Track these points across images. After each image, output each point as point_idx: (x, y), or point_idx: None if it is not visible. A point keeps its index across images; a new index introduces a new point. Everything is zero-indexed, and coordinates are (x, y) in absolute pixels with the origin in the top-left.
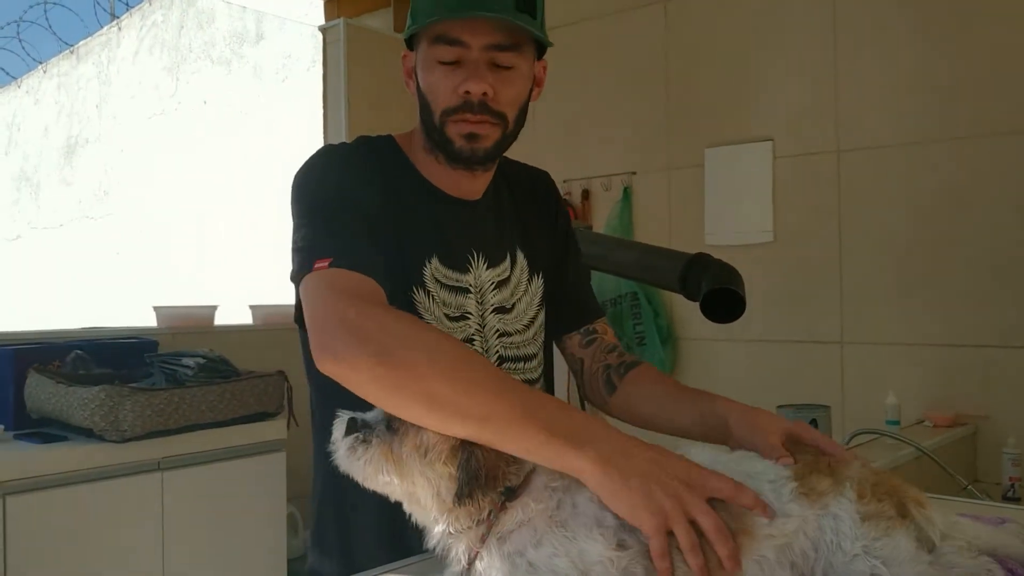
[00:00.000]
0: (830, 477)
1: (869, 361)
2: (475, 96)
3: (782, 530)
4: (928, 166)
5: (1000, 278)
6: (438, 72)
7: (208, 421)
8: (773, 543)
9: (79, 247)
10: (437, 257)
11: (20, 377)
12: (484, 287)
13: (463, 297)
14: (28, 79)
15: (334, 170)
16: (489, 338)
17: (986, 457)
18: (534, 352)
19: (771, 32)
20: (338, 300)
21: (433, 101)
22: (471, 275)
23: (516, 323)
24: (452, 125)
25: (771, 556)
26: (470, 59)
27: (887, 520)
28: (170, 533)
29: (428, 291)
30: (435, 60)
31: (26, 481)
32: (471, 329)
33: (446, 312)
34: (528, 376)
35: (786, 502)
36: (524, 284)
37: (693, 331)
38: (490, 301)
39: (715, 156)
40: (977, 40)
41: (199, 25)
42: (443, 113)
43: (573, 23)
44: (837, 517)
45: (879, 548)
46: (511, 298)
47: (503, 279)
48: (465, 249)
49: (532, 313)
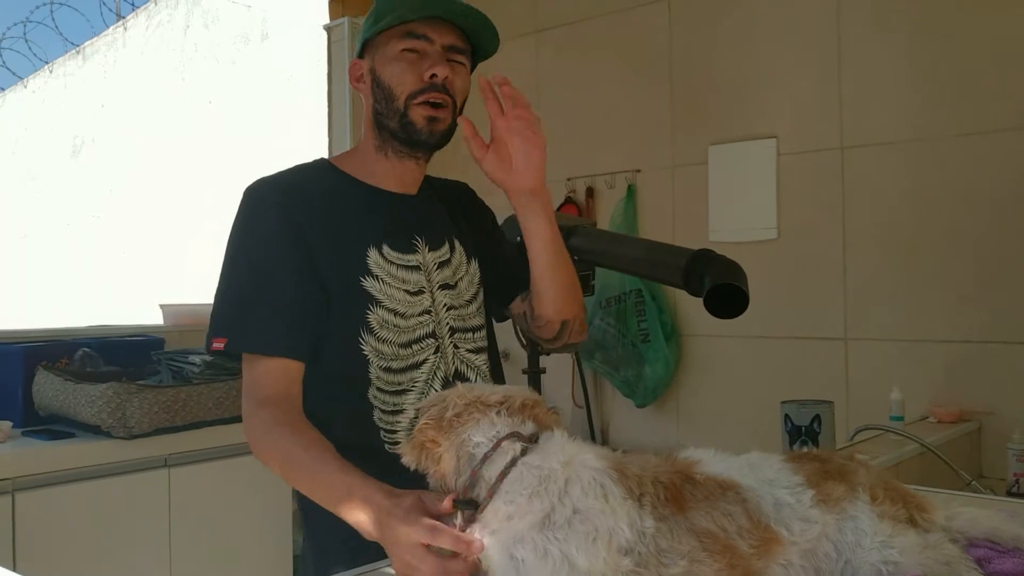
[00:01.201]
0: (843, 483)
1: (873, 357)
2: (439, 79)
3: (806, 536)
4: (932, 162)
5: (1005, 274)
6: (403, 62)
7: (215, 418)
8: (797, 548)
9: (86, 246)
10: (387, 244)
11: (28, 374)
12: (429, 266)
13: (416, 274)
14: (34, 79)
15: (249, 224)
16: (439, 311)
17: (991, 453)
18: (480, 324)
19: (775, 29)
20: (245, 402)
21: (398, 87)
22: (419, 255)
23: (460, 298)
24: (416, 108)
25: (796, 561)
26: (431, 51)
27: (902, 523)
28: (177, 529)
29: (377, 276)
30: (399, 51)
31: (35, 477)
32: (427, 303)
33: (406, 288)
34: (478, 344)
35: (808, 507)
36: (464, 266)
37: (697, 328)
38: (436, 279)
39: (719, 153)
40: (982, 35)
41: (204, 25)
42: (408, 97)
43: (577, 21)
44: (856, 518)
45: (895, 542)
46: (454, 276)
47: (444, 260)
48: (409, 235)
49: (473, 291)
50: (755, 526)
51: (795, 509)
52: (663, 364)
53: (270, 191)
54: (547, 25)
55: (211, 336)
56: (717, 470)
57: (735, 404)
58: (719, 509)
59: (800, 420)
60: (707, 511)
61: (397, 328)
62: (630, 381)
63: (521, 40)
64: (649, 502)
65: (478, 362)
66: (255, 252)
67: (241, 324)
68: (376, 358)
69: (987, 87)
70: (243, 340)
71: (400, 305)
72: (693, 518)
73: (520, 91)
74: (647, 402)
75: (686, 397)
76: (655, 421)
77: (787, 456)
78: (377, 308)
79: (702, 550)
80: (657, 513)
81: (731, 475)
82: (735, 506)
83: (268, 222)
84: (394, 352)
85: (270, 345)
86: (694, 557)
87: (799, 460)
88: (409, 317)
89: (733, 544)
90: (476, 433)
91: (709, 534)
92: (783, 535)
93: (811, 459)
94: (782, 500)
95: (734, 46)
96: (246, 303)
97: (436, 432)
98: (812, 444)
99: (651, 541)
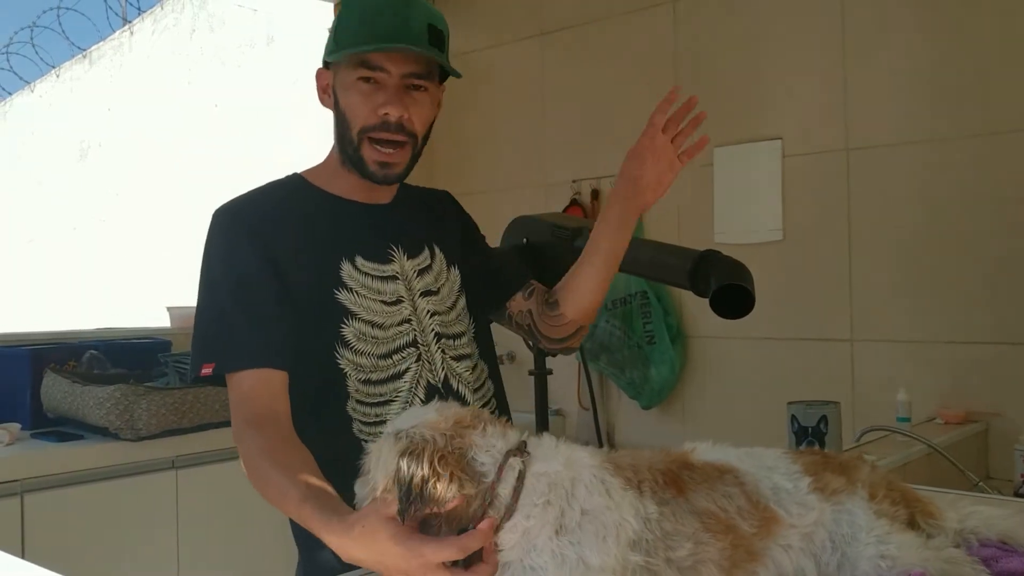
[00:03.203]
0: (843, 477)
1: (880, 359)
2: (392, 118)
3: (803, 520)
4: (938, 164)
5: (1011, 275)
6: (357, 93)
7: (222, 420)
8: (797, 532)
9: (92, 249)
10: (360, 255)
11: (37, 377)
12: (408, 275)
13: (394, 284)
14: (41, 83)
15: (219, 248)
16: (423, 319)
17: (998, 454)
18: (462, 331)
19: (780, 31)
20: (233, 420)
21: (352, 119)
22: (396, 264)
23: (442, 304)
24: (368, 147)
25: (796, 544)
26: (389, 83)
27: (900, 523)
28: (184, 530)
29: (351, 288)
30: (355, 79)
31: (43, 479)
32: (406, 311)
33: (382, 299)
34: (460, 352)
35: (805, 493)
36: (445, 272)
37: (703, 329)
38: (417, 286)
39: (724, 155)
40: (986, 37)
41: (210, 29)
42: (360, 131)
43: (581, 24)
44: (852, 512)
45: (891, 538)
46: (436, 282)
47: (424, 267)
48: (384, 244)
49: (454, 297)
50: (754, 507)
51: (792, 494)
52: (669, 366)
53: (236, 212)
54: (552, 28)
55: (201, 361)
56: (713, 457)
57: (741, 406)
58: (718, 491)
59: (807, 421)
60: (707, 492)
61: (375, 340)
62: (636, 383)
63: (526, 43)
64: (649, 488)
65: (459, 369)
66: (228, 272)
67: (227, 344)
68: (354, 371)
69: (992, 88)
70: (230, 360)
71: (377, 316)
72: (693, 499)
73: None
74: (653, 404)
75: (692, 398)
76: (661, 422)
77: (790, 450)
78: (353, 321)
79: (705, 531)
80: (658, 498)
81: (728, 461)
82: (733, 487)
83: (237, 243)
84: (373, 364)
85: (249, 358)
86: (698, 539)
87: (801, 453)
88: (388, 328)
89: (734, 524)
90: (480, 454)
91: (710, 514)
92: (782, 516)
93: (814, 453)
94: (780, 485)
95: (739, 48)
96: (226, 324)
97: (454, 464)
98: (818, 445)
99: (656, 526)
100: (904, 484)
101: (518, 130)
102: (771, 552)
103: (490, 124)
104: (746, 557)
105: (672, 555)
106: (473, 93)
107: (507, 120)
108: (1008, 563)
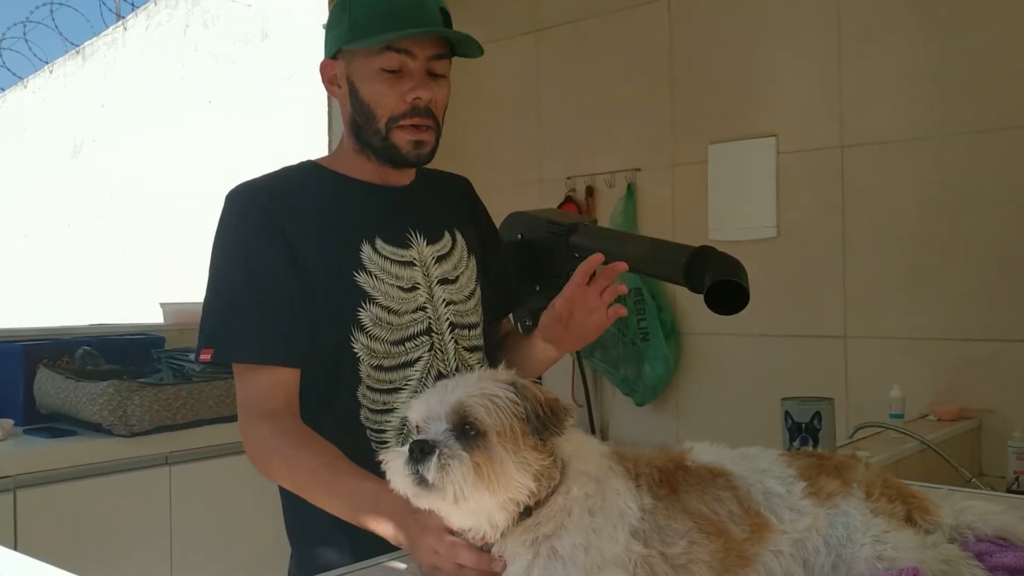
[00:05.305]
0: (838, 479)
1: (873, 355)
2: (423, 103)
3: (796, 526)
4: (932, 161)
5: (1005, 272)
6: (382, 82)
7: (215, 416)
8: (788, 538)
9: (86, 245)
10: (380, 238)
11: (30, 373)
12: (427, 261)
13: (411, 270)
14: (34, 79)
15: (233, 230)
16: (438, 307)
17: (991, 451)
18: (476, 321)
19: (775, 28)
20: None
21: (379, 108)
22: (414, 250)
23: (459, 293)
24: (399, 132)
25: (786, 550)
26: (414, 68)
27: (898, 520)
28: (178, 527)
29: (370, 272)
30: (379, 68)
31: (36, 475)
32: (421, 299)
33: (399, 285)
34: (473, 343)
35: (798, 498)
36: (465, 260)
37: (697, 326)
38: (434, 273)
39: (719, 152)
40: (982, 33)
41: (204, 24)
42: (390, 120)
43: (577, 20)
44: (848, 513)
45: (888, 537)
46: (454, 271)
47: (443, 254)
48: (403, 228)
49: (472, 286)
50: (745, 512)
51: (784, 499)
52: (663, 362)
53: (253, 194)
54: (547, 24)
55: (201, 347)
56: (709, 459)
57: (735, 402)
58: (709, 494)
59: (800, 417)
60: (698, 494)
61: (390, 325)
62: (630, 379)
63: (521, 39)
64: (645, 482)
65: (471, 360)
66: (242, 258)
67: (234, 333)
68: (367, 356)
69: (987, 85)
70: (236, 350)
71: (393, 302)
72: (686, 500)
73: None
74: (647, 400)
75: (686, 395)
76: (655, 419)
77: (786, 452)
78: (370, 305)
79: (698, 531)
80: (653, 492)
81: (722, 463)
82: (724, 491)
83: (252, 226)
84: (386, 350)
85: (265, 354)
86: (692, 539)
87: (797, 456)
88: (402, 314)
89: (726, 527)
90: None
91: (702, 515)
92: (773, 522)
93: (810, 456)
94: (772, 489)
95: (734, 45)
96: (236, 312)
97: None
98: (812, 441)
99: (650, 518)
100: (899, 481)
101: (513, 126)
102: (762, 557)
103: (485, 120)
104: (738, 562)
105: (667, 551)
106: (467, 89)
107: (502, 116)
108: (1003, 557)
